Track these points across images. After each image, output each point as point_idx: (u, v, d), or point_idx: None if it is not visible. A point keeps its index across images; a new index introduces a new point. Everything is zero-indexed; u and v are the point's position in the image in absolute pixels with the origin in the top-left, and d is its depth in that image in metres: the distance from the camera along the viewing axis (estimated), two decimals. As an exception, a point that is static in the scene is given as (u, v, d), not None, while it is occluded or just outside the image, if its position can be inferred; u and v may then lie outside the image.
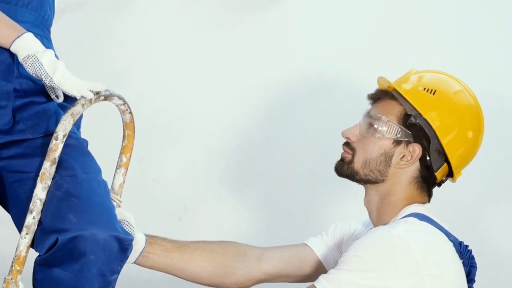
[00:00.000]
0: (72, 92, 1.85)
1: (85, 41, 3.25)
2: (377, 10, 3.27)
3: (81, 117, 2.08)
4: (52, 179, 1.87)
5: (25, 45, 1.88)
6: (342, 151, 2.29)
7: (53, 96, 1.92)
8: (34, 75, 1.87)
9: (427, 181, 2.23)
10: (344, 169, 2.26)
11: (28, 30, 1.98)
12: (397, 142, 2.20)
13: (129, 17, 3.30)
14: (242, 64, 3.30)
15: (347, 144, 2.27)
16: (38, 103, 1.99)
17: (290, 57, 3.29)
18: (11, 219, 1.97)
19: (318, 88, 3.28)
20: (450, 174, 2.25)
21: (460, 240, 2.16)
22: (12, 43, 1.88)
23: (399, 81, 2.26)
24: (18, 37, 1.89)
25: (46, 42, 2.06)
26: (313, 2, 3.30)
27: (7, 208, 2.00)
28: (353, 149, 2.25)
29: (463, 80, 2.26)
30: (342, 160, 2.28)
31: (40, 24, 2.05)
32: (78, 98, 1.86)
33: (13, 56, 1.92)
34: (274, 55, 3.29)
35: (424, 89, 2.21)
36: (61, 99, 1.91)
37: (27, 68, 1.87)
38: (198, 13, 3.31)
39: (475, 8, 3.24)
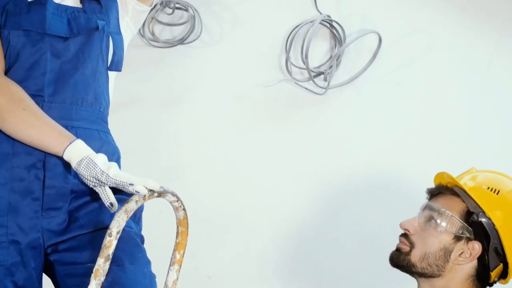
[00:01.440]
0: (127, 187, 1.87)
1: (139, 137, 3.29)
2: (431, 105, 3.29)
3: (141, 209, 2.10)
4: None
5: (77, 152, 1.91)
6: (398, 241, 2.28)
7: (107, 204, 1.93)
8: (89, 176, 1.89)
9: (482, 279, 2.20)
10: (400, 259, 2.25)
11: (84, 127, 2.01)
12: (458, 238, 2.19)
13: (182, 114, 3.34)
14: (294, 158, 3.31)
15: (405, 236, 2.27)
16: (94, 200, 2.01)
17: (343, 152, 3.29)
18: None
19: (372, 183, 3.28)
20: (502, 275, 2.23)
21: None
22: (64, 152, 1.92)
23: (462, 178, 2.26)
24: (69, 144, 1.92)
25: (104, 135, 2.09)
26: (366, 98, 3.33)
27: None
28: (411, 241, 2.24)
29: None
30: (398, 250, 2.27)
31: (96, 119, 2.08)
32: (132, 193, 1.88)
33: None
34: (326, 150, 3.30)
35: (488, 188, 2.21)
36: (115, 208, 1.93)
37: (82, 171, 1.89)
38: (250, 108, 3.34)
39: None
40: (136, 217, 2.09)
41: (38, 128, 1.93)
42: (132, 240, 2.01)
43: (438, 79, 3.32)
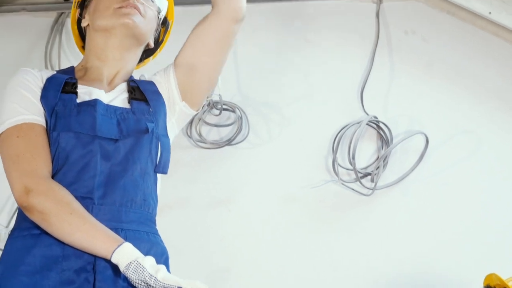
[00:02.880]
0: None
1: (186, 238, 3.28)
2: (479, 207, 3.26)
3: None
4: None
5: (126, 255, 1.90)
6: None
7: None
8: (137, 280, 1.88)
9: None
10: None
11: (134, 229, 2.01)
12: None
13: (229, 214, 3.34)
14: (342, 259, 3.28)
15: None
16: None
17: (390, 253, 3.26)
18: None
19: (420, 284, 3.22)
20: None
21: None
22: (112, 255, 1.91)
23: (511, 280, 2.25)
24: (117, 247, 1.91)
25: (152, 236, 2.09)
26: (413, 199, 3.31)
27: None
28: None
29: None
30: None
31: (145, 220, 2.08)
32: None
33: None
34: (373, 251, 3.27)
35: (536, 291, 2.19)
36: None
37: (130, 275, 1.88)
38: (297, 209, 3.33)
39: None
40: None
41: (86, 232, 1.93)
42: None
43: (486, 180, 3.29)
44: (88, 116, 2.07)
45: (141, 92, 2.21)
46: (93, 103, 2.09)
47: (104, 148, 2.05)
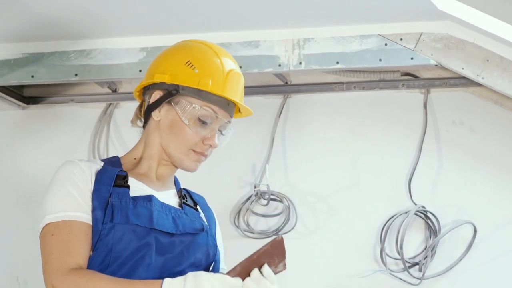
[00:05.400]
0: None
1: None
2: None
3: None
4: None
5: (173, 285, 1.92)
6: None
7: None
8: None
9: None
10: None
11: None
12: None
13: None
14: None
15: None
16: None
17: None
18: None
19: None
20: None
21: None
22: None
23: None
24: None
25: None
26: (463, 286, 3.30)
27: None
28: None
29: None
30: None
31: None
32: None
33: None
34: None
35: None
36: None
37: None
38: None
39: None
40: None
41: None
42: None
43: (535, 270, 3.27)
44: (145, 210, 2.07)
45: (193, 201, 2.24)
46: (149, 198, 2.10)
47: (160, 242, 2.06)
